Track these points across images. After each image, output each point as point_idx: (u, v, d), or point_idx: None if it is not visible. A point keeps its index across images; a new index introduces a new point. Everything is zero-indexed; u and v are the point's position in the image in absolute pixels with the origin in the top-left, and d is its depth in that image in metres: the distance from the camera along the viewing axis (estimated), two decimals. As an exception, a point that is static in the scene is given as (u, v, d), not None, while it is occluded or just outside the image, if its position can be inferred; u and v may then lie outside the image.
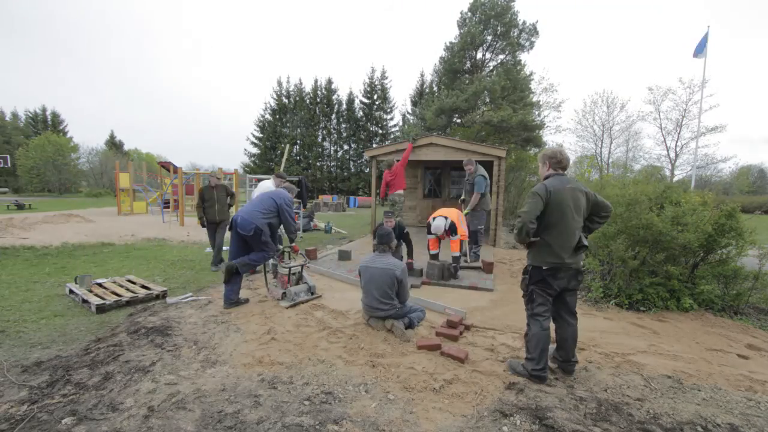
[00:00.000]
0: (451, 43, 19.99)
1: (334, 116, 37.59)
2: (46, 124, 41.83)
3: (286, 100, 37.26)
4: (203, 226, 6.01)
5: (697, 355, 3.23)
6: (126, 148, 48.61)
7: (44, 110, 42.48)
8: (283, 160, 12.00)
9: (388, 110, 37.33)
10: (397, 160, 8.10)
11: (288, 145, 12.53)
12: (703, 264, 4.65)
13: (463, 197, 6.88)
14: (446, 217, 5.44)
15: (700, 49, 13.75)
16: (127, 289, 4.43)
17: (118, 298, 4.11)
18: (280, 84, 37.26)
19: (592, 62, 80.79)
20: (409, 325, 3.49)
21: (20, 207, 16.52)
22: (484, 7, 18.82)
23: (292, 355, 2.99)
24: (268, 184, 5.57)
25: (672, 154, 26.79)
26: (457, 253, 5.53)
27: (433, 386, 2.54)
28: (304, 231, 10.46)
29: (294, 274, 4.52)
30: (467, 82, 19.14)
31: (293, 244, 4.52)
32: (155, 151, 54.52)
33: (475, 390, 2.52)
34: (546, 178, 2.71)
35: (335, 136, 37.87)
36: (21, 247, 7.19)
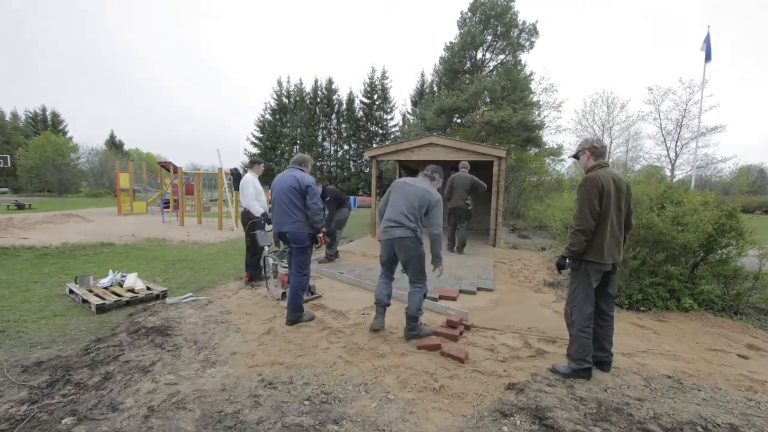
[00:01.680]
0: (451, 43, 19.99)
1: (334, 116, 37.59)
2: (45, 124, 41.80)
3: (286, 100, 37.25)
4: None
5: (697, 355, 3.23)
6: (126, 148, 48.59)
7: (44, 110, 42.48)
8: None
9: (388, 110, 37.34)
10: None
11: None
12: (703, 264, 4.65)
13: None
14: None
15: (709, 54, 13.74)
16: (127, 289, 4.43)
17: (118, 298, 4.11)
18: (280, 84, 37.29)
19: (592, 62, 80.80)
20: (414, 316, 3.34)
21: (20, 207, 16.51)
22: (484, 7, 18.82)
23: (292, 355, 2.99)
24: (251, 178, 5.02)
25: (672, 154, 26.80)
26: None
27: (433, 386, 2.54)
28: None
29: None
30: (467, 82, 19.12)
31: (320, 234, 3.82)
32: (155, 151, 54.50)
33: (475, 390, 2.52)
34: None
35: (335, 136, 37.87)
36: (21, 247, 7.19)
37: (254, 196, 4.96)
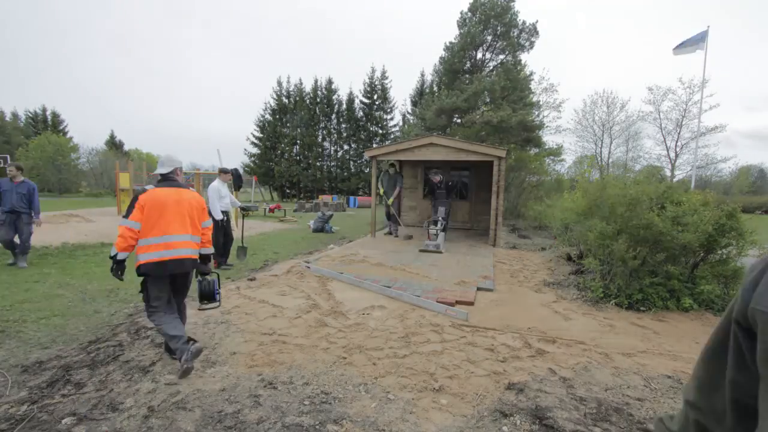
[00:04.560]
0: (451, 43, 19.97)
1: (334, 116, 37.55)
2: (46, 124, 41.77)
3: (286, 100, 37.20)
4: None
5: (696, 355, 3.22)
6: (126, 148, 48.55)
7: (44, 110, 42.43)
8: None
9: (388, 110, 37.29)
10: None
11: None
12: (703, 264, 4.65)
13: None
14: None
15: (683, 47, 13.64)
16: (127, 289, 4.43)
17: (118, 298, 4.11)
18: (280, 84, 37.22)
19: (592, 62, 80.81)
20: None
21: (20, 207, 16.46)
22: (484, 7, 18.79)
23: (292, 355, 2.99)
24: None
25: (672, 154, 26.85)
26: None
27: (433, 386, 2.54)
28: (319, 231, 11.16)
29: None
30: (467, 82, 19.10)
31: None
32: (155, 151, 54.46)
33: (475, 390, 2.52)
34: None
35: (335, 136, 37.83)
36: (21, 247, 7.18)
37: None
